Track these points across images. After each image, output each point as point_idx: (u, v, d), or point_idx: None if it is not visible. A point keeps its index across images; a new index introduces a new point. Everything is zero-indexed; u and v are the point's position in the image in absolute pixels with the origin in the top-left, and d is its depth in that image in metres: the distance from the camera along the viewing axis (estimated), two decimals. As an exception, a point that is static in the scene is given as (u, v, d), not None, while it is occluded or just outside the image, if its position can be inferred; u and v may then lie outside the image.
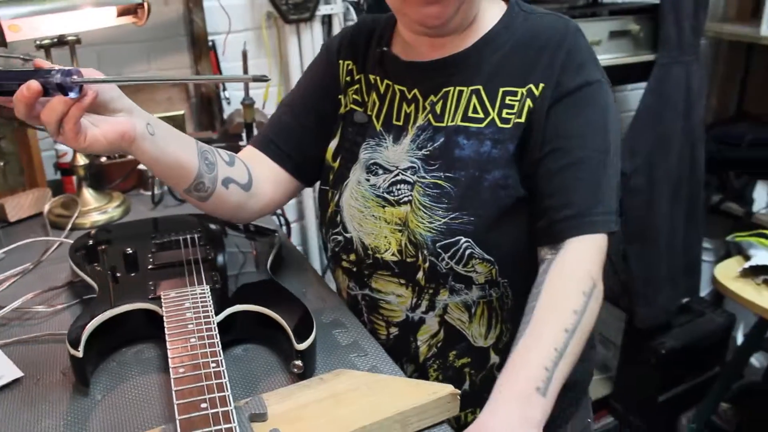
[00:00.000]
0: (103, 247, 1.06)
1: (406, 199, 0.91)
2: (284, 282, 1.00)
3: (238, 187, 0.96)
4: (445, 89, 0.92)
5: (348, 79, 1.02)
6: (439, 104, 0.92)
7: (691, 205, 2.14)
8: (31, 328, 0.98)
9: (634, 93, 2.26)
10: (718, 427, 2.27)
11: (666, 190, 2.04)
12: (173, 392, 0.69)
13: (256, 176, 1.00)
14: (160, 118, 0.92)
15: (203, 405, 0.67)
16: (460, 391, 0.76)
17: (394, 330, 0.99)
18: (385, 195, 0.93)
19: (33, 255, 1.17)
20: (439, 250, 0.88)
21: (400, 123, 0.95)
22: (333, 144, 1.03)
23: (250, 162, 1.01)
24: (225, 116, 1.71)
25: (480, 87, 0.90)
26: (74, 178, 1.40)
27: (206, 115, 1.66)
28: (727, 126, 2.43)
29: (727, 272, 1.73)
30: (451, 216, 0.87)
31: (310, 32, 1.81)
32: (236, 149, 1.33)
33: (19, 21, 1.13)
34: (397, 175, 0.93)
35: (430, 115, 0.92)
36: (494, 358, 0.97)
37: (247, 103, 1.45)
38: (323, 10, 1.81)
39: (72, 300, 1.04)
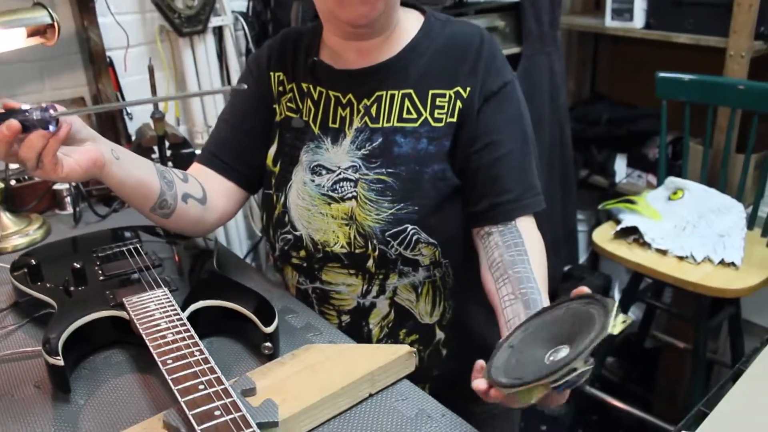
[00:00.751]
0: (46, 264, 1.09)
1: (350, 195, 1.02)
2: (228, 279, 1.08)
3: (196, 201, 1.04)
4: (377, 93, 1.03)
5: (280, 89, 1.11)
6: (374, 107, 1.03)
7: (564, 180, 2.38)
8: (-13, 350, 1.00)
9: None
10: (606, 379, 2.53)
11: (541, 168, 2.26)
12: (169, 380, 0.76)
13: (208, 190, 1.07)
14: None
15: (201, 386, 0.75)
16: (414, 349, 0.88)
17: (345, 318, 1.09)
18: (330, 193, 1.03)
19: (-38, 282, 1.18)
20: (388, 239, 1.00)
21: (336, 126, 1.05)
22: (272, 150, 1.11)
23: (200, 178, 1.08)
24: (130, 130, 1.73)
25: (411, 90, 1.02)
26: (-14, 204, 1.39)
27: (111, 132, 1.68)
28: (586, 107, 2.70)
29: (603, 236, 1.96)
30: (398, 207, 0.99)
31: (203, 44, 1.87)
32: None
33: None
34: (340, 174, 1.03)
35: (366, 118, 1.03)
36: (439, 335, 1.10)
37: (158, 117, 1.49)
38: (214, 21, 1.86)
39: (21, 320, 1.06)
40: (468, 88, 1.00)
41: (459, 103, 1.00)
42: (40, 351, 0.88)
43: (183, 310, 0.93)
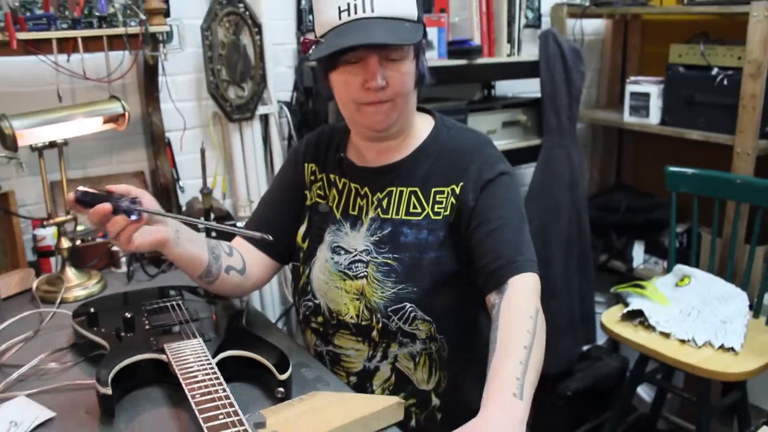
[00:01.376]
0: (102, 313, 1.28)
1: (362, 274, 1.20)
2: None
3: (236, 272, 1.24)
4: (389, 188, 1.22)
5: (312, 178, 1.31)
6: (385, 200, 1.21)
7: (582, 263, 2.51)
8: (47, 381, 1.17)
9: (527, 171, 2.65)
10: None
11: (559, 251, 2.41)
12: (196, 411, 0.93)
13: (247, 261, 1.27)
14: None
15: (221, 417, 0.91)
16: (404, 401, 1.03)
17: (353, 378, 1.25)
18: (346, 271, 1.21)
19: (28, 325, 1.37)
20: (390, 313, 1.17)
21: (355, 213, 1.24)
22: (302, 229, 1.31)
23: (242, 250, 1.28)
24: (181, 201, 1.96)
25: (417, 189, 1.20)
26: (54, 259, 1.61)
27: (165, 199, 1.90)
28: (607, 195, 2.85)
29: (612, 318, 2.08)
30: (399, 287, 1.16)
31: (250, 129, 2.10)
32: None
33: (23, 131, 1.37)
34: (355, 255, 1.21)
35: (378, 210, 1.21)
36: (435, 401, 1.24)
37: (206, 192, 1.71)
38: (261, 110, 2.10)
39: (78, 358, 1.25)
40: (461, 184, 1.17)
41: (452, 199, 1.17)
42: (92, 384, 1.06)
43: (213, 357, 1.10)
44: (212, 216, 1.72)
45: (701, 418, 1.99)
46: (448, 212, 1.18)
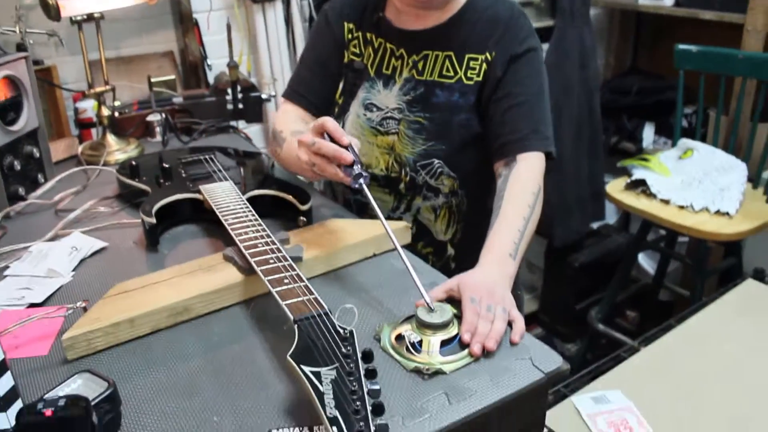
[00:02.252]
0: (143, 167, 1.44)
1: (393, 131, 1.30)
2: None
3: None
4: (425, 51, 1.29)
5: (349, 36, 1.37)
6: (421, 62, 1.29)
7: (592, 143, 2.61)
8: (99, 221, 1.34)
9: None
10: (623, 329, 2.76)
11: (570, 130, 2.51)
12: (229, 229, 1.08)
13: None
14: (155, 82, 1.33)
15: (251, 233, 1.07)
16: (410, 225, 1.18)
17: None
18: (378, 127, 1.31)
19: (77, 182, 1.53)
20: (418, 168, 1.28)
21: (389, 72, 1.32)
22: (339, 86, 1.39)
23: (288, 108, 1.38)
24: (209, 79, 2.08)
25: (452, 53, 1.27)
26: (94, 130, 1.76)
27: (194, 77, 2.03)
28: (620, 78, 2.91)
29: (616, 188, 2.20)
30: (429, 144, 1.27)
31: (273, 10, 2.19)
32: (224, 102, 1.73)
33: (65, 2, 1.49)
34: (387, 113, 1.31)
35: (413, 71, 1.29)
36: (450, 251, 1.38)
37: (232, 65, 1.83)
38: (283, -9, 2.19)
39: (124, 204, 1.41)
40: (494, 53, 1.24)
41: (485, 66, 1.24)
42: (137, 222, 1.22)
43: (243, 195, 1.25)
44: (238, 88, 1.84)
45: (696, 281, 2.14)
46: (480, 78, 1.25)
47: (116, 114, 1.81)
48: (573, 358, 2.65)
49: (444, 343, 0.89)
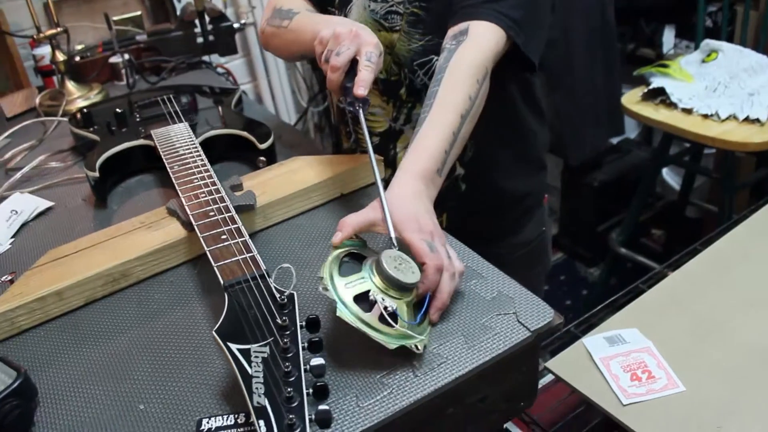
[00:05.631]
0: (96, 115, 1.30)
1: (397, 27, 1.12)
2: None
3: None
4: None
5: None
6: None
7: (606, 52, 2.40)
8: (49, 179, 1.21)
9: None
10: (649, 249, 2.60)
11: (581, 38, 2.29)
12: (175, 182, 0.94)
13: None
14: (119, 20, 1.11)
15: (195, 181, 0.93)
16: (383, 157, 1.03)
17: (376, 139, 1.19)
18: (381, 21, 1.13)
19: (33, 136, 1.40)
20: (415, 68, 1.11)
21: None
22: None
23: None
24: (178, 12, 1.91)
25: None
26: (55, 77, 1.61)
27: (162, 12, 1.86)
28: (637, -22, 2.66)
29: (632, 98, 2.01)
30: (427, 38, 1.09)
31: None
32: (192, 36, 1.57)
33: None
34: (392, 6, 1.12)
35: None
36: (459, 170, 1.19)
37: (197, -6, 1.66)
38: None
39: (78, 158, 1.28)
40: None
41: None
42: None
43: (197, 138, 1.11)
44: (207, 19, 1.67)
45: (724, 196, 1.96)
46: None
47: (77, 58, 1.67)
48: (596, 283, 2.52)
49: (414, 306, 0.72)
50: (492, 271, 0.80)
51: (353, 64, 0.91)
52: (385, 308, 0.67)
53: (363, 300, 0.68)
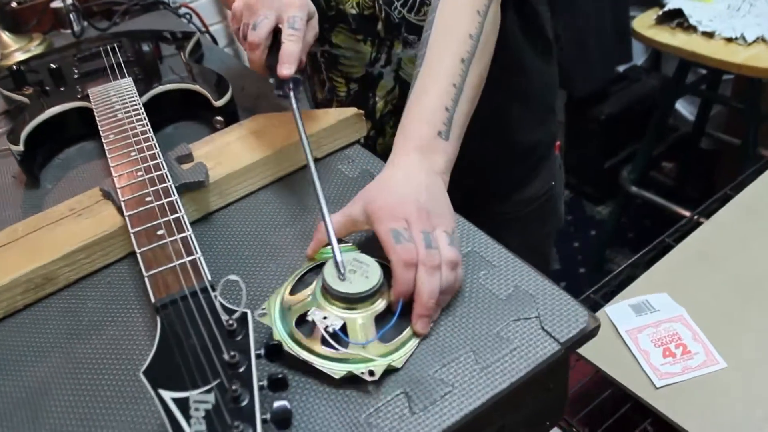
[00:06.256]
0: (31, 72, 1.11)
1: None
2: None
3: None
4: None
5: None
6: None
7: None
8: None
9: None
10: (660, 183, 2.44)
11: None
12: (108, 156, 0.77)
13: None
14: None
15: (132, 154, 0.75)
16: (363, 112, 0.85)
17: (353, 86, 1.03)
18: None
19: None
20: None
21: None
22: None
23: None
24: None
25: None
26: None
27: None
28: None
29: (645, 22, 1.81)
30: None
31: None
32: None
33: None
34: None
35: None
36: None
37: None
38: None
39: (9, 125, 1.10)
40: None
41: None
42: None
43: (142, 96, 0.93)
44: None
45: (749, 127, 1.78)
46: None
47: (14, 5, 1.46)
48: (606, 222, 2.36)
49: (379, 318, 0.56)
50: (505, 259, 0.63)
51: (277, 34, 0.74)
52: (326, 328, 0.53)
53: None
